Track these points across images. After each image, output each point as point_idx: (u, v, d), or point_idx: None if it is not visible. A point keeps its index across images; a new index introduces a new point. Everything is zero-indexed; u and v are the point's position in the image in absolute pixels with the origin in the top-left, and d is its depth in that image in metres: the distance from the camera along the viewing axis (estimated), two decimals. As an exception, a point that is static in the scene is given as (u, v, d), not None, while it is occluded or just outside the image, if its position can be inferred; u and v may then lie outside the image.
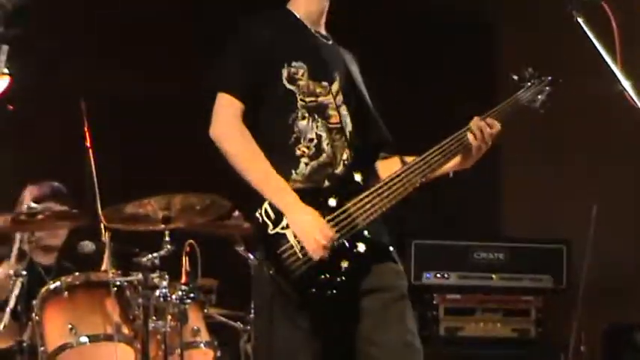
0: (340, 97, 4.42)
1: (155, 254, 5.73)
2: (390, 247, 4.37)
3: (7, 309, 5.68)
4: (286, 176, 4.25)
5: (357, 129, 4.43)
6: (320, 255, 4.14)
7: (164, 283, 5.72)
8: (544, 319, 7.90)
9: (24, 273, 5.72)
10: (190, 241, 6.05)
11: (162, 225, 5.83)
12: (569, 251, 7.93)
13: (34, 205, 6.09)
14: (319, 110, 4.35)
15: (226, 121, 4.29)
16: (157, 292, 5.71)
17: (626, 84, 4.04)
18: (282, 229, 4.19)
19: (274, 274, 4.16)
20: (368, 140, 4.45)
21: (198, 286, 6.08)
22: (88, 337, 5.64)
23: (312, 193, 4.25)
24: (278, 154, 4.27)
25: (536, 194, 8.64)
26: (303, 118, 4.31)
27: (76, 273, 5.89)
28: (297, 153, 4.29)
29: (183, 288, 5.84)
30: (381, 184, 4.29)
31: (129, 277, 5.79)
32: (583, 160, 8.36)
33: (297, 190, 4.23)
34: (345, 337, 4.26)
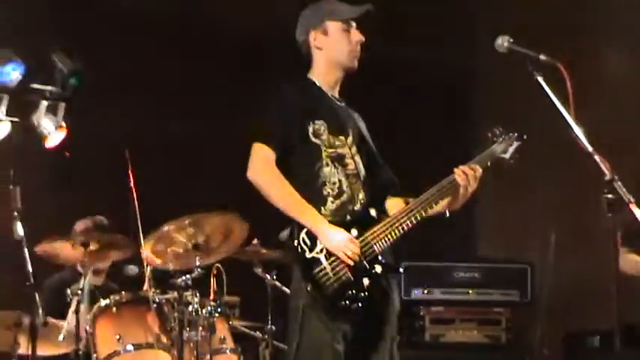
0: (354, 148, 4.56)
1: (188, 276, 5.73)
2: (400, 269, 4.60)
3: (66, 323, 5.70)
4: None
5: (369, 174, 4.57)
6: (350, 262, 4.30)
7: (195, 300, 5.70)
8: (512, 327, 7.86)
9: (79, 293, 5.74)
10: (217, 265, 6.05)
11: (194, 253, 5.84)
12: (532, 271, 7.90)
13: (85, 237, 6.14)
14: (339, 159, 4.50)
15: (262, 166, 4.41)
16: (189, 308, 5.68)
17: (578, 130, 4.09)
18: (317, 253, 4.33)
19: (311, 289, 4.30)
20: (378, 182, 4.60)
21: (223, 302, 6.07)
22: (133, 345, 5.62)
23: (338, 225, 4.39)
24: (309, 193, 4.40)
25: (506, 223, 8.63)
26: (327, 165, 4.46)
27: (122, 292, 5.89)
28: (324, 193, 4.43)
29: (211, 304, 5.81)
30: (391, 218, 4.44)
31: (166, 295, 5.77)
32: (545, 194, 8.38)
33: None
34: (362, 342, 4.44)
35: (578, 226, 7.60)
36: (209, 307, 5.78)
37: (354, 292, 4.32)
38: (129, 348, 5.62)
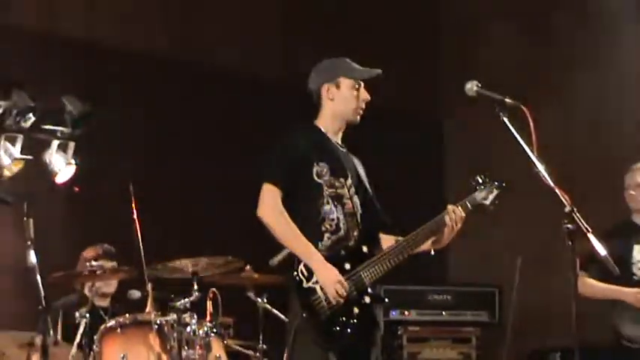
0: (353, 190, 4.62)
1: (186, 299, 5.72)
2: (386, 299, 4.64)
3: (75, 342, 5.69)
4: (313, 246, 4.46)
5: (364, 213, 4.62)
6: (337, 299, 4.37)
7: (193, 321, 5.67)
8: (482, 345, 7.90)
9: (87, 315, 5.73)
10: (213, 289, 6.04)
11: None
12: (500, 293, 7.96)
13: (94, 264, 6.15)
14: (338, 199, 4.56)
15: (271, 205, 4.48)
16: (188, 328, 5.63)
17: (540, 167, 4.12)
18: (313, 284, 4.41)
19: (307, 316, 4.38)
20: (372, 221, 4.65)
21: (219, 323, 6.05)
22: (136, 363, 5.64)
23: (332, 258, 4.45)
24: (308, 228, 4.47)
25: (475, 250, 8.67)
26: (327, 203, 4.52)
27: (127, 314, 5.90)
28: (323, 229, 4.50)
29: (207, 325, 5.78)
30: (382, 254, 4.53)
31: (166, 317, 5.72)
32: (510, 223, 8.42)
33: (322, 257, 4.44)
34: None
35: (541, 253, 7.63)
36: (206, 328, 5.73)
37: (345, 319, 4.40)
38: (132, 365, 5.60)
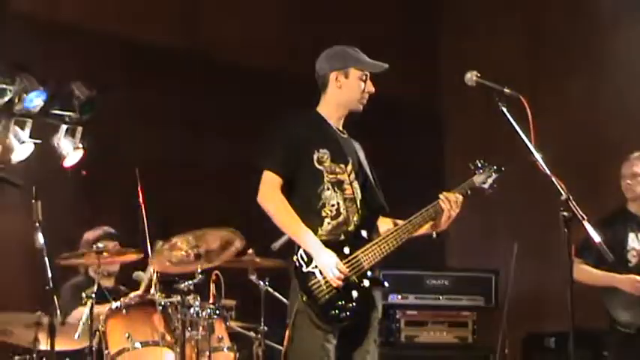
0: (353, 175, 4.59)
1: (190, 282, 5.73)
2: (385, 283, 4.60)
3: (81, 322, 5.69)
4: (314, 231, 4.45)
5: (364, 198, 4.59)
6: (336, 284, 4.35)
7: (197, 303, 5.66)
8: (478, 329, 7.89)
9: (93, 296, 5.72)
10: (216, 272, 6.04)
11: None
12: (497, 278, 7.94)
13: (100, 245, 6.14)
14: (338, 184, 4.54)
15: (270, 192, 4.47)
16: (191, 310, 5.63)
17: (538, 155, 4.12)
18: (313, 268, 4.40)
19: (306, 299, 4.38)
20: (371, 207, 4.62)
21: (221, 305, 6.05)
22: (140, 343, 5.56)
23: (332, 243, 4.45)
24: (308, 214, 4.46)
25: (472, 236, 8.67)
26: (327, 189, 4.50)
27: (131, 294, 5.92)
28: (323, 215, 4.48)
29: (210, 307, 5.78)
30: (380, 238, 4.51)
31: (171, 299, 5.75)
32: (508, 209, 8.43)
33: (322, 242, 4.43)
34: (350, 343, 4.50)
35: (538, 240, 7.63)
36: (209, 310, 5.73)
37: (343, 302, 4.39)
38: (137, 345, 5.58)
